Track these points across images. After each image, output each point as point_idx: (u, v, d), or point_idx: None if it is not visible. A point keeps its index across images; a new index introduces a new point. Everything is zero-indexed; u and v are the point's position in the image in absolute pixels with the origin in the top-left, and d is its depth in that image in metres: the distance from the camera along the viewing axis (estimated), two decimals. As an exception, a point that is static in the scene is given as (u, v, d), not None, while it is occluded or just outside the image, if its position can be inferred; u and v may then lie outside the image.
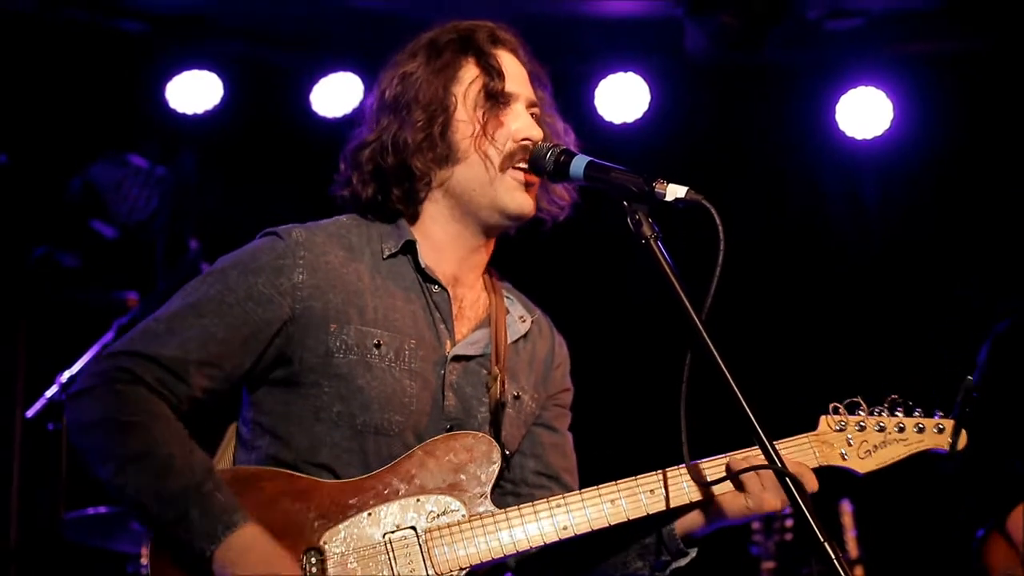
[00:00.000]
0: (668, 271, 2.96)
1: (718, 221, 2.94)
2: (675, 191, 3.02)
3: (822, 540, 2.77)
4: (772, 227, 7.89)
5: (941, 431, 3.39)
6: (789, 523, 6.94)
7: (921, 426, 3.39)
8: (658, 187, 3.03)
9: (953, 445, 3.39)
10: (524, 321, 3.49)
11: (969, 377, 3.37)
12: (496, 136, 3.30)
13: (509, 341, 3.42)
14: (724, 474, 3.21)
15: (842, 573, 2.74)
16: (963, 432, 3.39)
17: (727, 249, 2.94)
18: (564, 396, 3.59)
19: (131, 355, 3.10)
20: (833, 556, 2.75)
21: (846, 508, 6.90)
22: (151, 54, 7.48)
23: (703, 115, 7.84)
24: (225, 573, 2.94)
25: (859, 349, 7.57)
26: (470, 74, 3.35)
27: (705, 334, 2.90)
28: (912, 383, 3.50)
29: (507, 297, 3.50)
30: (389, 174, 3.34)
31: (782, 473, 2.88)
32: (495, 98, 3.33)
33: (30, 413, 6.57)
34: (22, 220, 7.21)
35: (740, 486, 3.18)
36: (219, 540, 2.95)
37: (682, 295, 2.94)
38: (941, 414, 3.42)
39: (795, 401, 3.45)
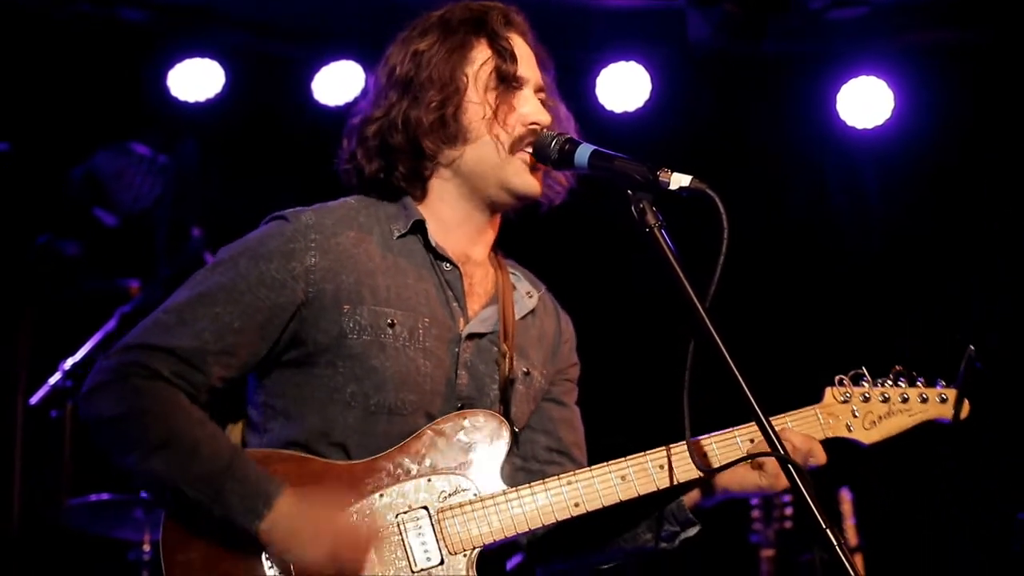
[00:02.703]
0: (672, 259, 2.96)
1: (722, 210, 2.93)
2: (679, 180, 3.02)
3: (824, 527, 2.77)
4: (773, 215, 7.90)
5: (944, 401, 3.40)
6: (788, 511, 6.97)
7: (925, 396, 3.40)
8: (662, 176, 3.03)
9: (956, 415, 3.39)
10: (531, 297, 3.49)
11: (971, 346, 3.36)
12: (507, 119, 3.31)
13: (517, 317, 3.42)
14: (732, 452, 3.24)
15: (844, 560, 2.74)
16: (966, 402, 3.39)
17: (731, 237, 2.95)
18: (572, 371, 3.60)
19: (146, 348, 3.09)
20: (835, 543, 2.76)
21: (845, 496, 6.91)
22: (153, 43, 7.48)
23: (704, 104, 7.84)
24: (281, 545, 2.99)
25: (860, 337, 7.58)
26: (483, 55, 3.34)
27: (709, 321, 2.90)
28: (913, 366, 3.50)
29: (513, 273, 3.50)
30: (396, 151, 3.33)
31: (784, 460, 2.87)
32: (507, 81, 3.33)
33: (34, 400, 6.59)
34: (24, 208, 7.21)
35: (757, 463, 3.20)
36: (262, 515, 2.98)
37: (686, 283, 2.94)
38: (944, 383, 3.42)
39: (799, 380, 3.46)
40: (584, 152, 3.21)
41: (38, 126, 7.24)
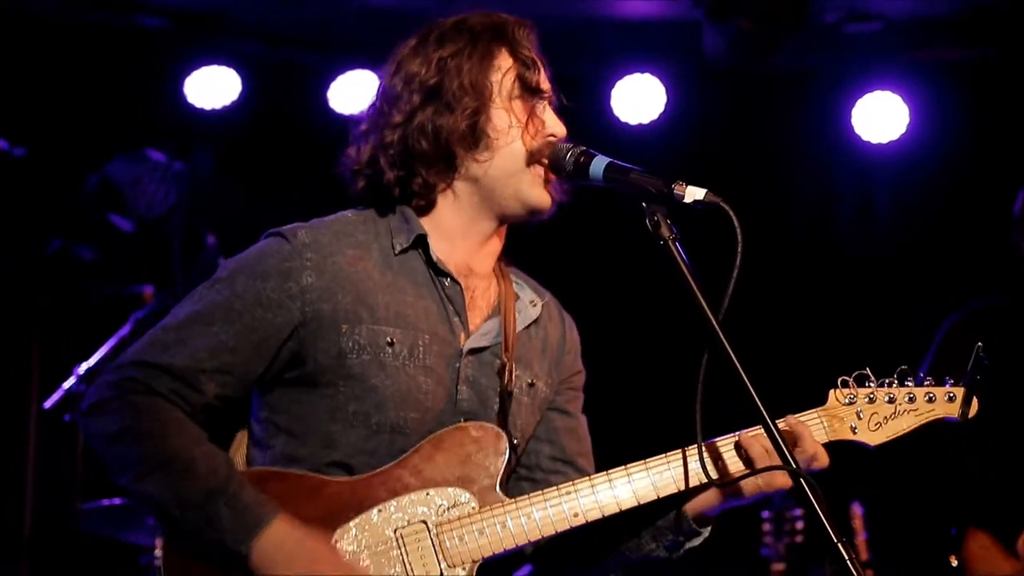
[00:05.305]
0: (686, 272, 2.96)
1: (736, 224, 2.93)
2: (694, 193, 3.01)
3: (836, 541, 2.77)
4: (786, 229, 7.90)
5: (952, 400, 3.33)
6: (799, 524, 6.95)
7: (932, 395, 3.33)
8: (677, 189, 3.02)
9: (964, 413, 3.33)
10: (535, 305, 3.45)
11: (980, 343, 3.31)
12: (530, 130, 3.28)
13: (520, 327, 3.38)
14: (735, 459, 3.21)
15: (856, 575, 2.74)
16: (975, 400, 3.33)
17: (745, 251, 2.95)
18: (577, 379, 3.55)
19: (142, 366, 3.09)
20: (847, 557, 2.76)
21: (856, 511, 6.90)
22: (170, 50, 7.51)
23: (719, 117, 7.86)
24: (267, 569, 2.97)
25: (870, 350, 7.56)
26: (506, 63, 3.30)
27: (722, 334, 2.91)
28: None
29: (516, 282, 3.46)
30: (420, 158, 3.27)
31: (796, 474, 2.87)
32: (530, 90, 3.31)
33: (48, 404, 6.61)
34: (40, 213, 7.25)
35: (751, 464, 3.17)
36: (254, 536, 2.97)
37: (699, 296, 2.94)
38: (952, 382, 3.35)
39: (804, 385, 3.44)
40: (599, 164, 3.19)
41: (55, 132, 7.28)
